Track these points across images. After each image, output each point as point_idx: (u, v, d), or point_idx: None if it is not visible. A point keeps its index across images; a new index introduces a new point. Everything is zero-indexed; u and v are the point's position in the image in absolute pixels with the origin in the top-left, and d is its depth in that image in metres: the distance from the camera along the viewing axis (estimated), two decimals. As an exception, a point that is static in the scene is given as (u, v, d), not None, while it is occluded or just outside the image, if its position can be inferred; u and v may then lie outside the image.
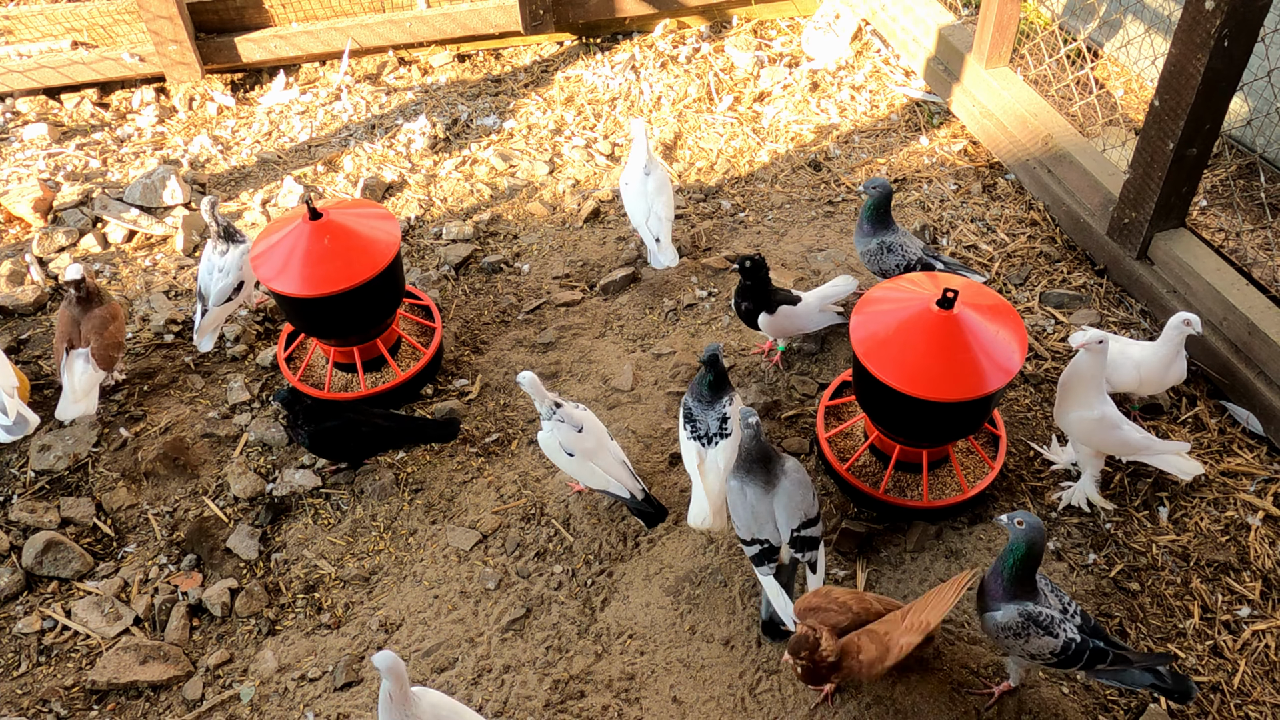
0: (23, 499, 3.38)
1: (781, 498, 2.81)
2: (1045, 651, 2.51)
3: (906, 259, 3.60)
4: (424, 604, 3.10)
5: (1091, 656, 2.51)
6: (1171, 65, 3.39)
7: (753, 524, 2.81)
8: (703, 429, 3.05)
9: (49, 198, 4.47)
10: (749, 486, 2.83)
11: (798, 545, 2.79)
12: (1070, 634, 2.50)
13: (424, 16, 5.28)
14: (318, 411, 3.26)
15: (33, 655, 3.01)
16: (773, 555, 2.80)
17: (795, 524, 2.78)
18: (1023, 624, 2.50)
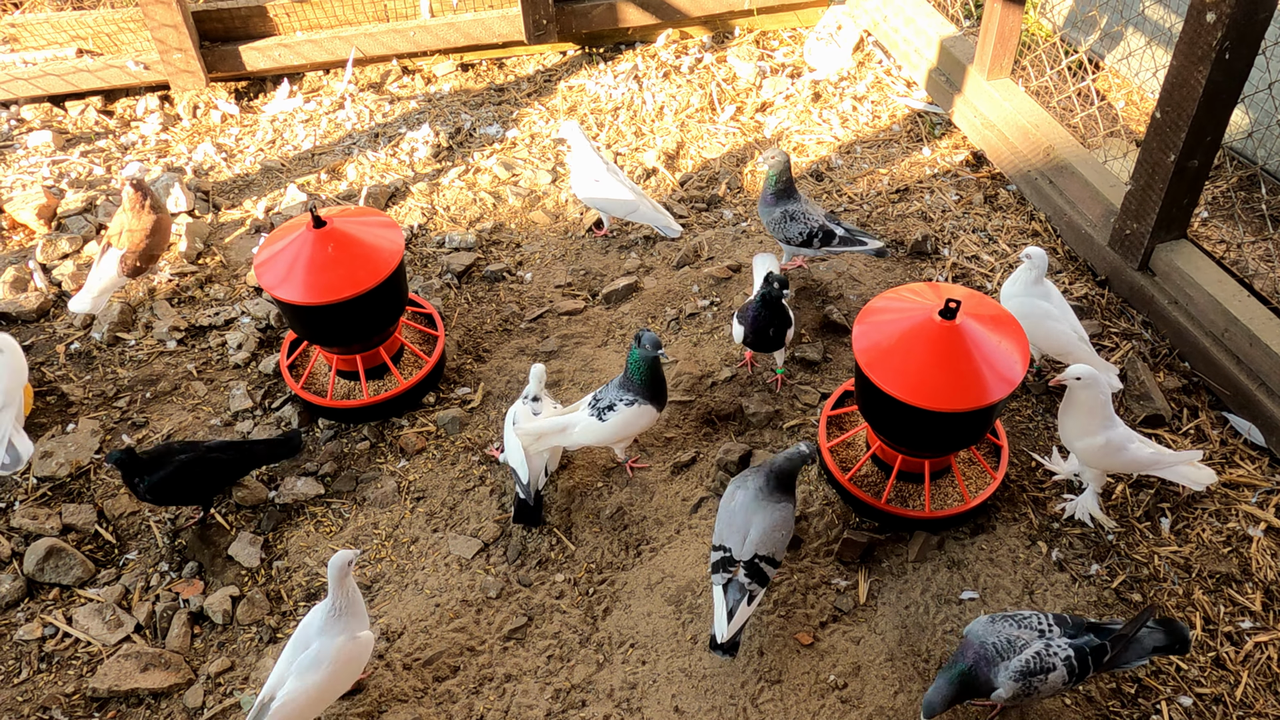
0: (25, 505, 3.38)
1: (765, 517, 2.80)
2: (1059, 684, 2.53)
3: (809, 226, 3.75)
4: (425, 612, 3.10)
5: (1094, 658, 2.51)
6: (1173, 77, 3.40)
7: (725, 530, 2.83)
8: (603, 403, 3.18)
9: (53, 205, 4.48)
10: (745, 489, 2.85)
11: (751, 570, 2.77)
12: (1063, 650, 2.51)
13: (428, 26, 5.30)
14: (149, 463, 3.12)
15: (33, 662, 3.01)
16: (729, 566, 2.79)
17: (763, 552, 2.77)
18: (1026, 686, 2.51)
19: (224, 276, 4.30)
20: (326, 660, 2.63)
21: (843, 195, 4.62)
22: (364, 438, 3.60)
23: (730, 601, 2.77)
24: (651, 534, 3.28)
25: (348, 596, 2.69)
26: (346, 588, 2.68)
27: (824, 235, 3.75)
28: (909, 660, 2.89)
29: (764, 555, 2.78)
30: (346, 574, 2.66)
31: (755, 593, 2.78)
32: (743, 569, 2.77)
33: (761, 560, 2.78)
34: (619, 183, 4.13)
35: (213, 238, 4.49)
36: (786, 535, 2.85)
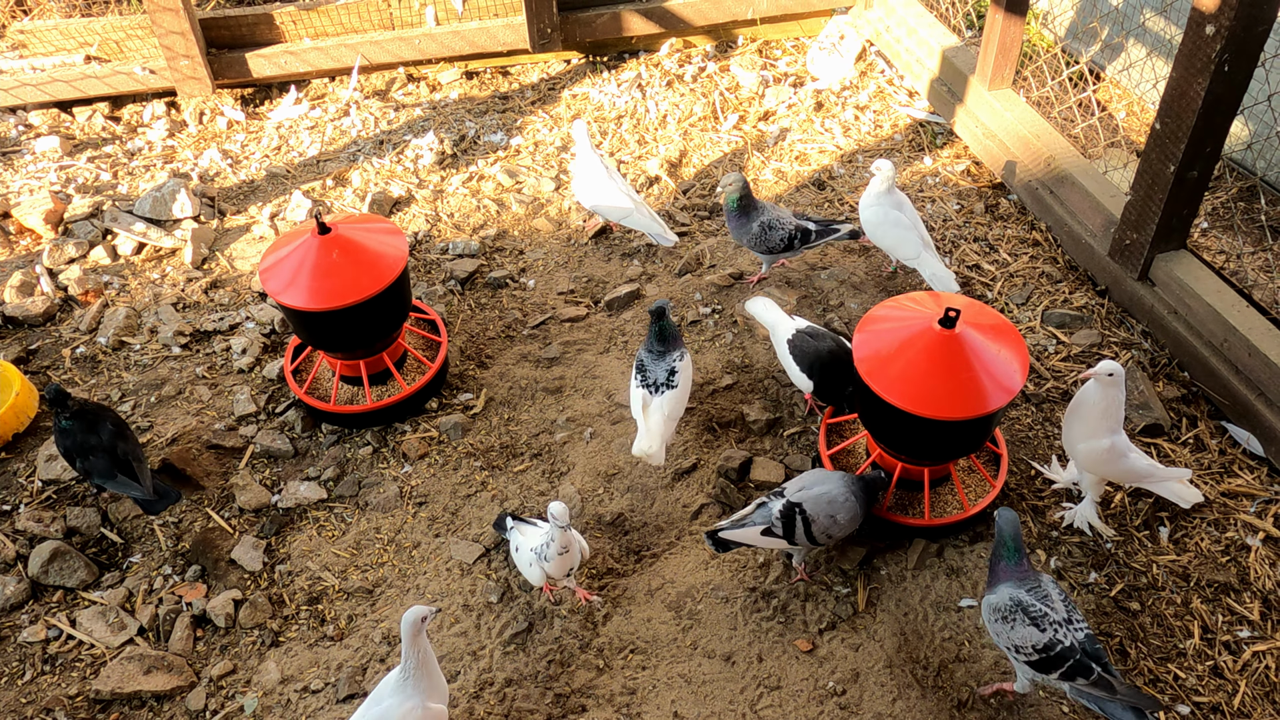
0: (29, 508, 3.40)
1: (830, 488, 2.96)
2: (1028, 644, 2.53)
3: (787, 230, 3.85)
4: (427, 617, 3.11)
5: (1073, 667, 2.50)
6: (1172, 89, 3.43)
7: (794, 482, 3.03)
8: (651, 379, 3.28)
9: (60, 210, 4.51)
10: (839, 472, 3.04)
11: (785, 512, 2.92)
12: (1060, 638, 2.51)
13: (433, 34, 5.34)
14: (81, 416, 3.20)
15: (37, 664, 3.03)
16: (773, 495, 3.00)
17: (808, 508, 2.92)
18: (1011, 608, 2.56)
19: (229, 281, 4.33)
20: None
21: (844, 204, 4.64)
22: (367, 443, 3.63)
23: (749, 514, 2.96)
24: (652, 540, 3.29)
25: (420, 657, 2.54)
26: (419, 647, 2.53)
27: (802, 234, 3.88)
28: (908, 667, 2.90)
29: (804, 511, 2.89)
30: (419, 631, 2.52)
31: (774, 532, 2.90)
32: (777, 503, 2.91)
33: (800, 513, 2.88)
34: (618, 189, 4.18)
35: (218, 243, 4.52)
36: (837, 519, 2.93)
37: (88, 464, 3.21)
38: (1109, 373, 2.97)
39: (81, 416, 3.21)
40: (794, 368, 3.41)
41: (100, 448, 3.20)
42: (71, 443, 3.21)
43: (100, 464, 3.19)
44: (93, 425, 3.22)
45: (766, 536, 2.93)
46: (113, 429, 3.24)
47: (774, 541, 2.95)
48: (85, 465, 3.21)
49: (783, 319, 3.49)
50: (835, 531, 2.95)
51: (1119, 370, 2.98)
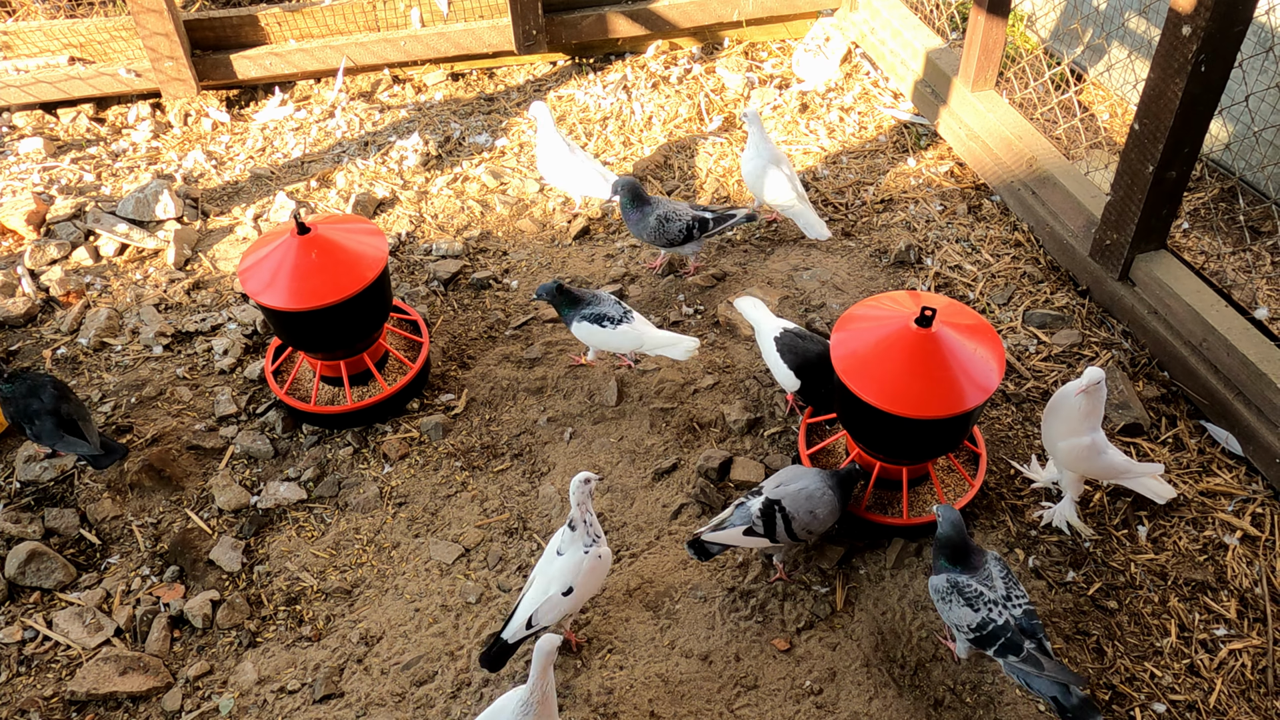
0: (7, 510, 3.39)
1: (807, 483, 3.00)
2: (964, 624, 2.65)
3: (684, 221, 3.94)
4: (405, 617, 3.11)
5: (1004, 645, 2.59)
6: (1150, 90, 3.44)
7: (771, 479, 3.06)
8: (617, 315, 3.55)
9: (42, 211, 4.50)
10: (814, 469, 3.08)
11: (765, 511, 2.94)
12: (994, 616, 2.61)
13: (419, 35, 5.34)
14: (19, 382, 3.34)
15: (12, 665, 3.02)
16: (750, 495, 3.03)
17: (787, 505, 2.94)
18: (947, 589, 2.68)
19: (211, 283, 4.33)
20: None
21: (828, 205, 4.65)
22: (347, 443, 3.62)
23: (728, 516, 2.98)
24: (631, 540, 3.29)
25: (545, 689, 2.49)
26: (548, 679, 2.49)
27: (700, 224, 3.97)
28: (885, 666, 2.91)
29: (784, 508, 2.91)
30: (552, 659, 2.48)
31: (755, 530, 2.91)
32: (755, 501, 2.93)
33: (779, 510, 2.91)
34: (580, 162, 4.39)
35: (201, 244, 4.52)
36: (816, 514, 2.95)
37: (35, 428, 3.27)
38: (1096, 381, 2.98)
39: (19, 381, 3.31)
40: (780, 366, 3.41)
41: (43, 411, 3.26)
42: (15, 410, 3.29)
43: (46, 426, 3.25)
44: (33, 390, 3.30)
45: (749, 536, 2.93)
46: (55, 392, 3.32)
47: (756, 541, 2.95)
48: (34, 430, 3.28)
49: (769, 318, 3.50)
50: (815, 526, 2.95)
51: (1102, 376, 2.99)
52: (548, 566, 2.83)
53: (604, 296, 3.60)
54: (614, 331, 3.51)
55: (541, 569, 2.85)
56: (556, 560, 2.82)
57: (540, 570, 2.85)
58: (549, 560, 2.84)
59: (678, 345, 3.52)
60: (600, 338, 3.54)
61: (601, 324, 3.52)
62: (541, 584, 2.82)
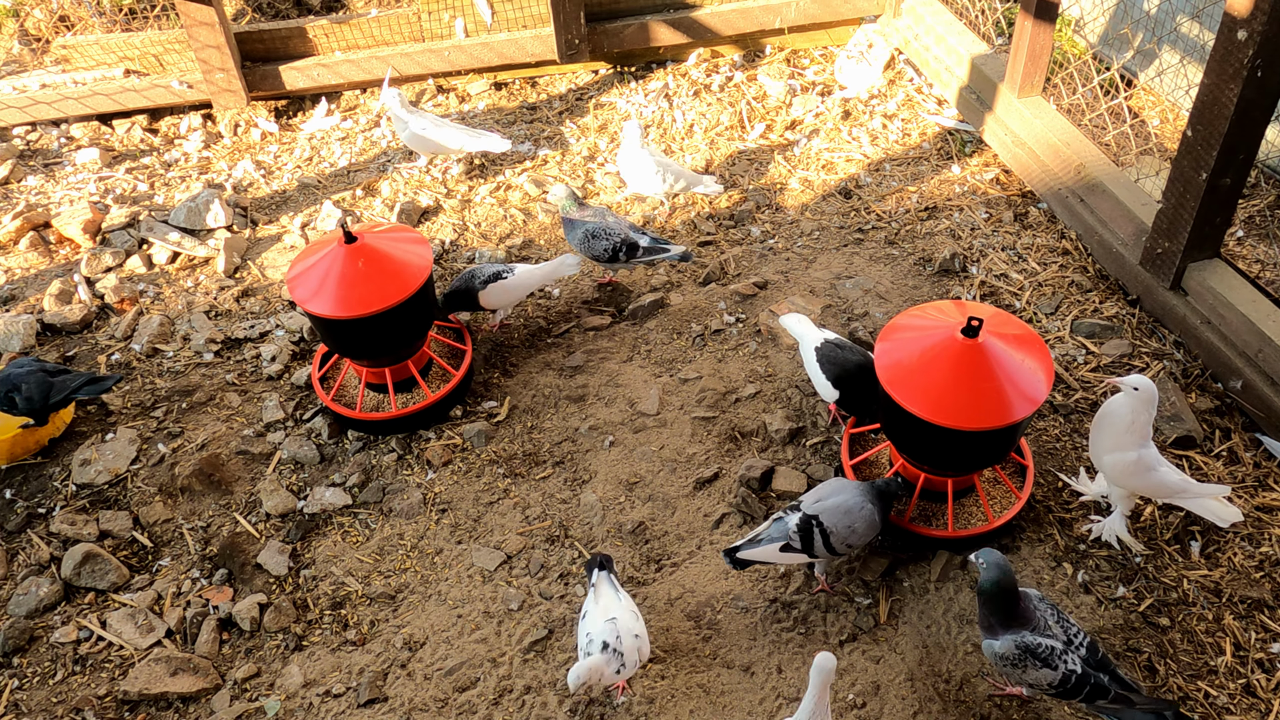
0: (64, 511, 3.48)
1: (847, 498, 2.95)
2: (1043, 683, 2.54)
3: (613, 242, 3.97)
4: (448, 623, 3.13)
5: (1091, 691, 2.50)
6: (1204, 95, 3.37)
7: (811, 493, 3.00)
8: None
9: (98, 220, 4.62)
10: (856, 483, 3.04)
11: (802, 526, 2.91)
12: (1071, 666, 2.50)
13: (463, 46, 5.40)
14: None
15: (68, 664, 3.09)
16: (790, 510, 2.99)
17: (825, 521, 2.91)
18: (1019, 655, 2.54)
19: (260, 290, 4.40)
20: None
21: (870, 213, 4.62)
22: (391, 449, 3.66)
23: (764, 528, 2.94)
24: (673, 549, 3.29)
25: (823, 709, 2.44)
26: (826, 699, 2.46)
27: (629, 248, 3.98)
28: (929, 681, 2.87)
29: (821, 523, 2.87)
30: (830, 678, 2.44)
31: (792, 546, 2.88)
32: (793, 517, 2.89)
33: (817, 525, 2.87)
34: (446, 128, 4.71)
35: (250, 252, 4.60)
36: (855, 528, 2.91)
37: (24, 393, 3.48)
38: (1134, 386, 2.92)
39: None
40: (820, 376, 3.39)
41: (26, 373, 3.51)
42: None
43: (34, 384, 3.49)
44: (11, 365, 3.59)
45: (785, 553, 2.91)
46: (30, 361, 3.60)
47: (793, 556, 2.93)
48: (24, 396, 3.48)
49: (811, 330, 3.49)
50: (854, 540, 2.93)
51: (1148, 386, 2.92)
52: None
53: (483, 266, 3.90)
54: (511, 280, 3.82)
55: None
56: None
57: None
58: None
59: (563, 263, 3.96)
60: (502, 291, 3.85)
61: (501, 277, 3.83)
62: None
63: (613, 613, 2.77)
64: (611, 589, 2.86)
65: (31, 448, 3.66)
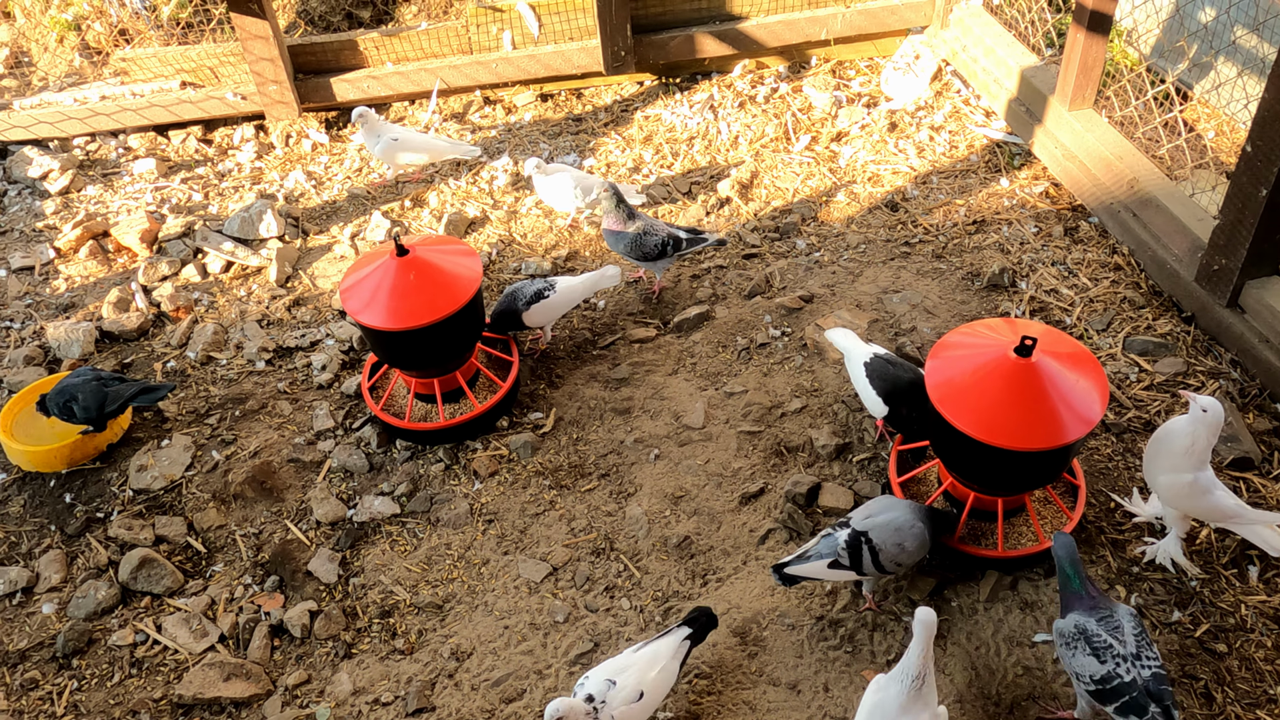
0: (121, 516, 3.56)
1: (897, 515, 2.95)
2: (1085, 674, 2.53)
3: (659, 236, 4.05)
4: (494, 634, 3.16)
5: (1127, 704, 2.46)
6: (1265, 110, 3.31)
7: (860, 511, 3.00)
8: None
9: (155, 229, 4.72)
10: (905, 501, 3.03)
11: (851, 542, 2.90)
12: (1121, 672, 2.48)
13: (510, 58, 5.45)
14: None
15: (125, 667, 3.16)
16: (838, 525, 2.98)
17: (874, 537, 2.90)
18: (1075, 634, 2.56)
19: (311, 299, 4.48)
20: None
21: (918, 226, 4.59)
22: (439, 459, 3.70)
23: (812, 544, 2.92)
24: (718, 564, 3.29)
25: (926, 667, 2.40)
26: (930, 655, 2.43)
27: (674, 242, 4.07)
28: (978, 703, 2.84)
29: (870, 540, 2.87)
30: (933, 632, 2.42)
31: (841, 563, 2.87)
32: (842, 533, 2.88)
33: (866, 542, 2.86)
34: (419, 137, 4.85)
35: (301, 262, 4.68)
36: (905, 546, 2.90)
37: (81, 403, 3.58)
38: (1204, 407, 2.86)
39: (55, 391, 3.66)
40: (869, 391, 3.37)
41: (82, 383, 3.62)
42: (57, 399, 3.62)
43: (88, 393, 3.60)
44: (68, 377, 3.68)
45: (834, 569, 2.90)
46: (88, 370, 3.71)
47: (842, 574, 2.91)
48: (81, 405, 3.58)
49: (858, 345, 3.47)
50: (904, 559, 2.91)
51: (1217, 410, 2.86)
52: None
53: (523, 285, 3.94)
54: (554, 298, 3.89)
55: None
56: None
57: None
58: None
59: (604, 274, 4.01)
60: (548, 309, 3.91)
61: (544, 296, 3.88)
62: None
63: (627, 673, 2.65)
64: (666, 649, 2.74)
65: (90, 453, 3.75)
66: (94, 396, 3.59)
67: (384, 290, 3.44)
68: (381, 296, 3.43)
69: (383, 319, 3.41)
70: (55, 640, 3.20)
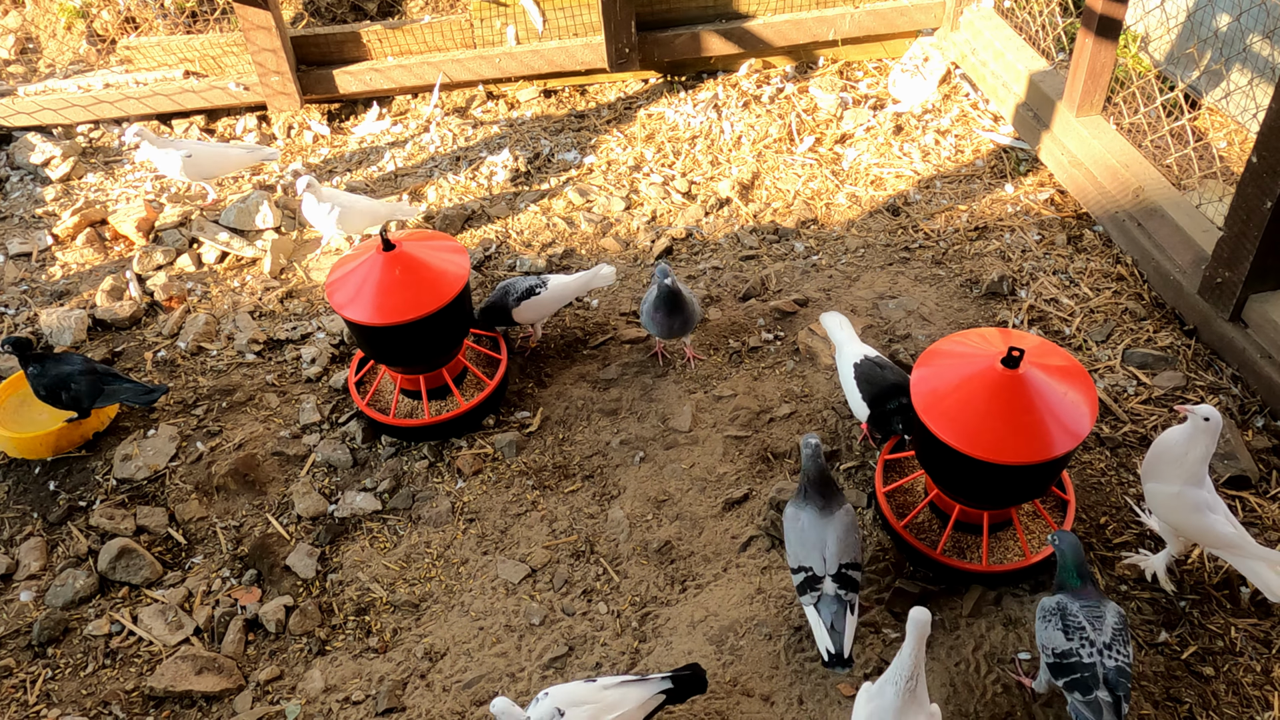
0: (103, 505, 3.55)
1: (836, 527, 2.82)
2: (1049, 647, 2.55)
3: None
4: (469, 635, 3.13)
5: (1076, 682, 2.47)
6: (1272, 120, 3.23)
7: (799, 550, 2.83)
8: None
9: (152, 218, 4.72)
10: (805, 510, 2.86)
11: (841, 582, 2.77)
12: (1083, 653, 2.48)
13: (513, 53, 5.41)
14: (43, 359, 3.61)
15: (99, 657, 3.15)
16: (815, 584, 2.78)
17: (845, 560, 2.79)
18: (1053, 610, 2.60)
19: (304, 292, 4.46)
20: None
21: (919, 231, 4.52)
22: (423, 456, 3.67)
23: (827, 617, 2.75)
24: (698, 570, 3.24)
25: (918, 668, 2.38)
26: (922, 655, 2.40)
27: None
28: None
29: (846, 563, 2.80)
30: (927, 632, 2.39)
31: (853, 602, 2.78)
32: (831, 581, 2.78)
33: (846, 568, 2.79)
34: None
35: (296, 254, 4.66)
36: (856, 533, 2.87)
37: (72, 392, 3.55)
38: (1205, 416, 2.79)
39: (44, 359, 3.60)
40: (854, 393, 3.32)
41: (77, 373, 3.57)
42: (48, 380, 3.56)
43: (84, 385, 3.56)
44: (61, 359, 3.61)
45: (854, 612, 2.77)
46: (81, 360, 3.62)
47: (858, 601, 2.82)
48: (71, 394, 3.55)
49: (852, 342, 3.42)
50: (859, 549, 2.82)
51: (1218, 417, 2.79)
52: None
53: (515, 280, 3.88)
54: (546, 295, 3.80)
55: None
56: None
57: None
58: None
59: (598, 274, 3.90)
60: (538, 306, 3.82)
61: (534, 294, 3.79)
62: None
63: (582, 709, 2.53)
64: (634, 699, 2.61)
65: (77, 441, 3.75)
66: (89, 390, 3.58)
67: (370, 285, 3.41)
68: (367, 291, 3.41)
69: (368, 314, 3.38)
70: (31, 628, 3.20)
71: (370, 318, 3.37)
